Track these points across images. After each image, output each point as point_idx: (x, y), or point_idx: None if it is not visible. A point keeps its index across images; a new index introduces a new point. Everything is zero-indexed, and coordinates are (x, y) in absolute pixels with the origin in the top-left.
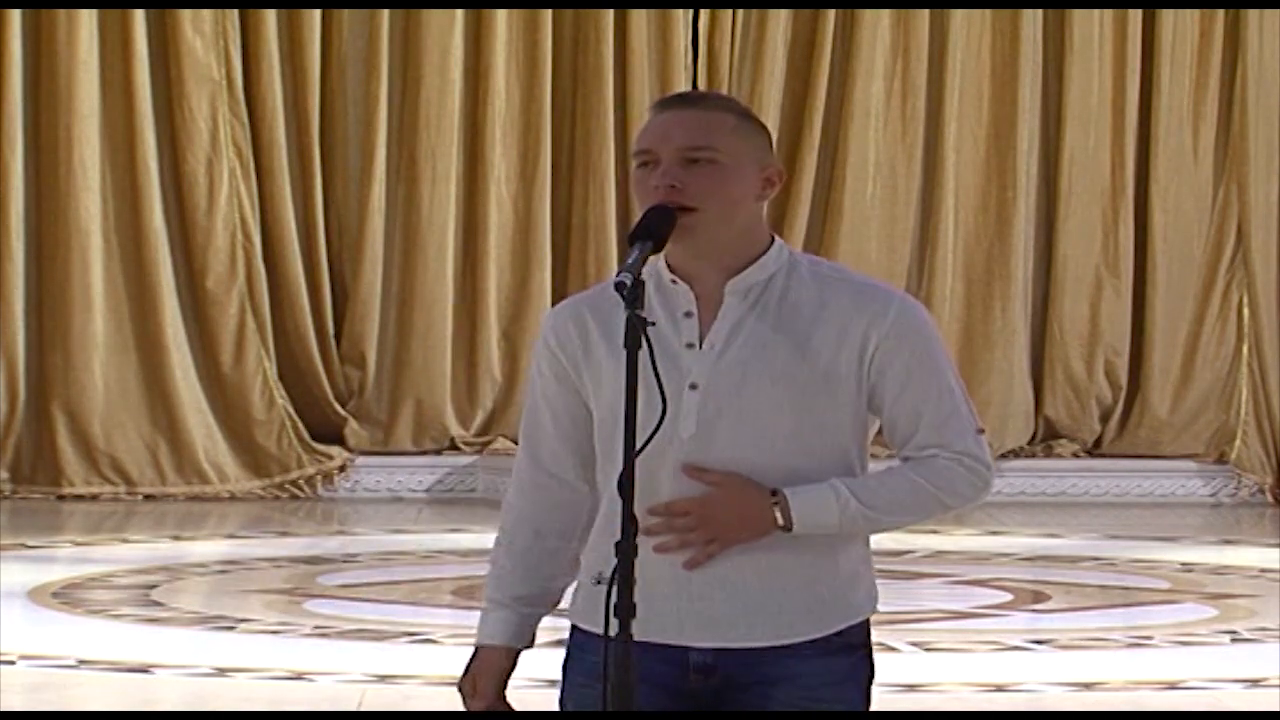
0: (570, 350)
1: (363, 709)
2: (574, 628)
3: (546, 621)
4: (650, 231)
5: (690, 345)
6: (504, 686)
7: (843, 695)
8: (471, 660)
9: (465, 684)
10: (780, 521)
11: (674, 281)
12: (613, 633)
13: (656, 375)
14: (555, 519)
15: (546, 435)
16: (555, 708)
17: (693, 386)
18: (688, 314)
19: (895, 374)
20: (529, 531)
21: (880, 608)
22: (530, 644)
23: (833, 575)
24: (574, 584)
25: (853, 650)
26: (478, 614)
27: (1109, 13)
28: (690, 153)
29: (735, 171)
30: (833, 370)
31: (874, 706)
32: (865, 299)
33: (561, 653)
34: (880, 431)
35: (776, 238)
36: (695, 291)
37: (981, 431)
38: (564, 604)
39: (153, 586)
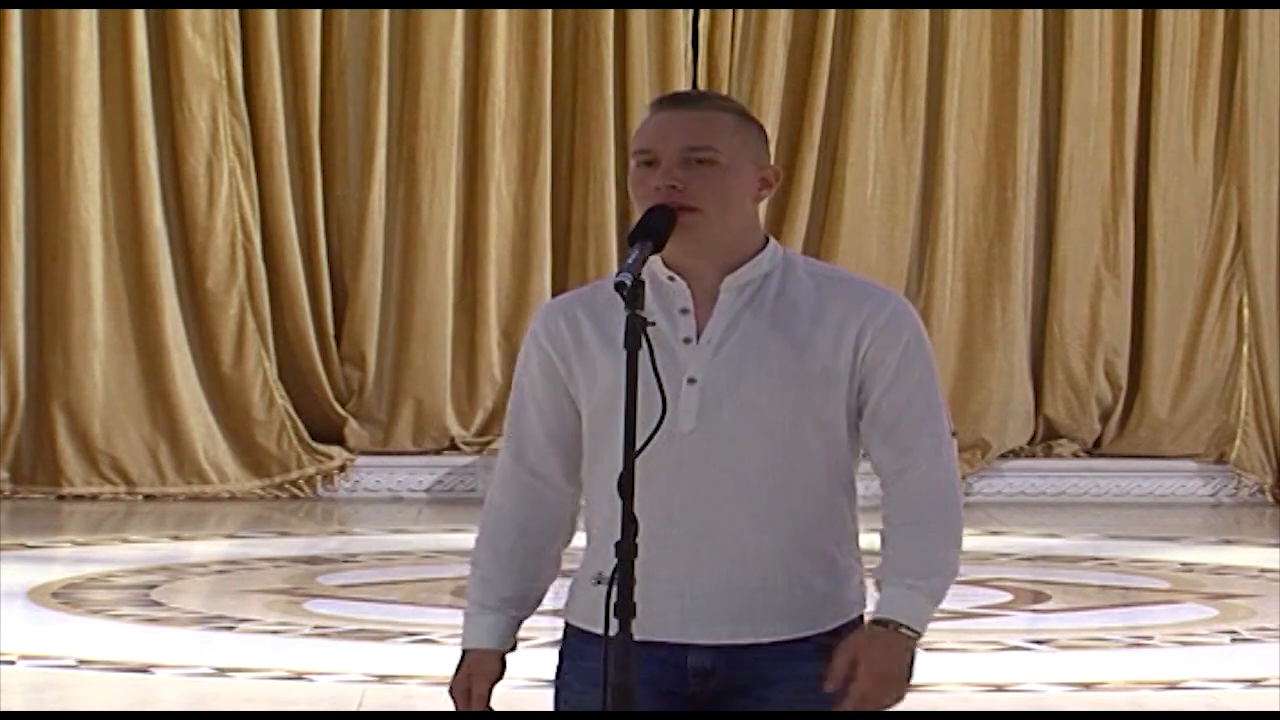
0: (561, 347)
1: (363, 709)
2: (570, 629)
3: (544, 621)
4: (650, 231)
5: (687, 340)
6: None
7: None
8: (461, 664)
9: (458, 687)
10: (912, 638)
11: (671, 279)
12: (612, 633)
13: (656, 374)
14: (539, 518)
15: (532, 434)
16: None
17: (690, 381)
18: (684, 310)
19: (884, 370)
20: (514, 532)
21: None
22: (514, 647)
23: (827, 573)
24: (565, 583)
25: None
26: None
27: (1109, 13)
28: (691, 153)
29: (734, 172)
30: (830, 366)
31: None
32: (863, 297)
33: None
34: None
35: (771, 238)
36: (691, 288)
37: (954, 434)
38: (551, 603)
39: (153, 586)
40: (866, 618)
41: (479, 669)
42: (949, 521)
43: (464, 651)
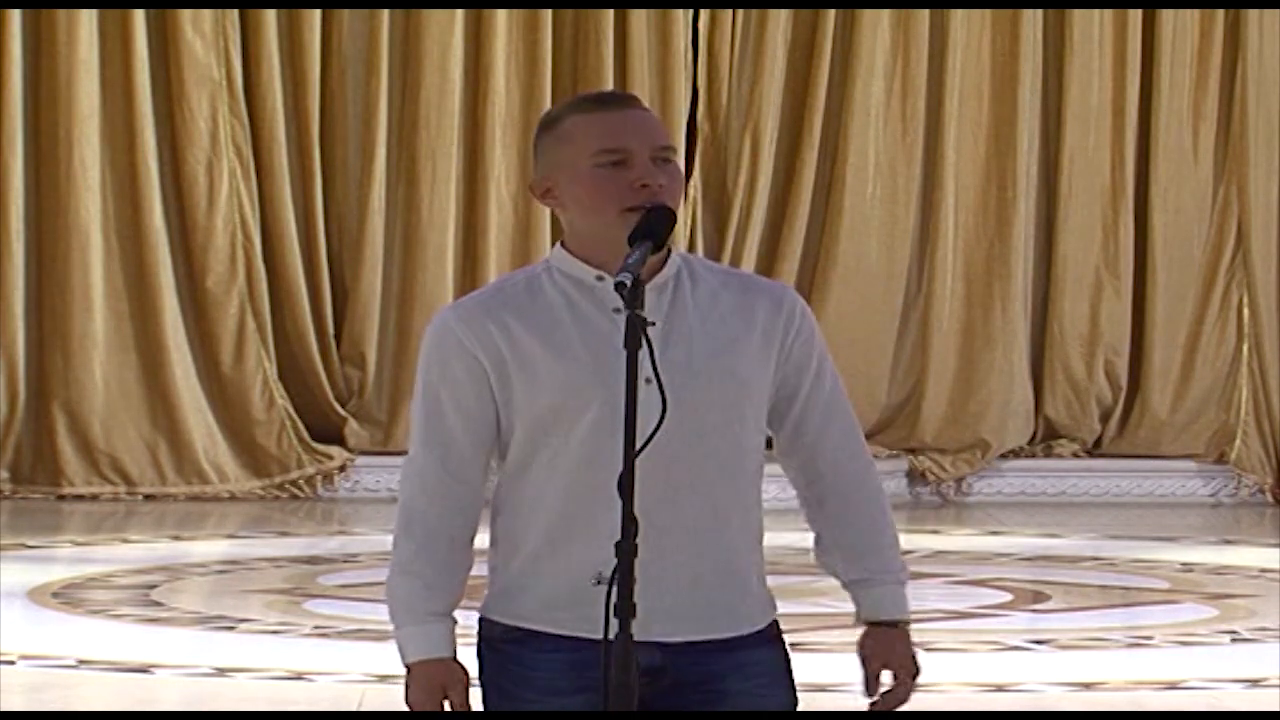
0: (493, 354)
1: (363, 709)
2: (511, 636)
3: None
4: (650, 231)
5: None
6: None
7: (785, 683)
8: (419, 677)
9: (429, 702)
10: (908, 623)
11: (600, 279)
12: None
13: (657, 374)
14: (464, 524)
15: (456, 441)
16: None
17: (647, 381)
18: (617, 310)
19: (808, 368)
20: (446, 539)
21: None
22: None
23: (757, 569)
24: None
25: (780, 641)
26: (476, 614)
27: (1109, 13)
28: (661, 153)
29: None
30: (760, 363)
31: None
32: (777, 295)
33: None
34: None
35: None
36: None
37: None
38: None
39: (153, 586)
40: (871, 618)
41: (452, 679)
42: (890, 514)
43: (416, 664)
